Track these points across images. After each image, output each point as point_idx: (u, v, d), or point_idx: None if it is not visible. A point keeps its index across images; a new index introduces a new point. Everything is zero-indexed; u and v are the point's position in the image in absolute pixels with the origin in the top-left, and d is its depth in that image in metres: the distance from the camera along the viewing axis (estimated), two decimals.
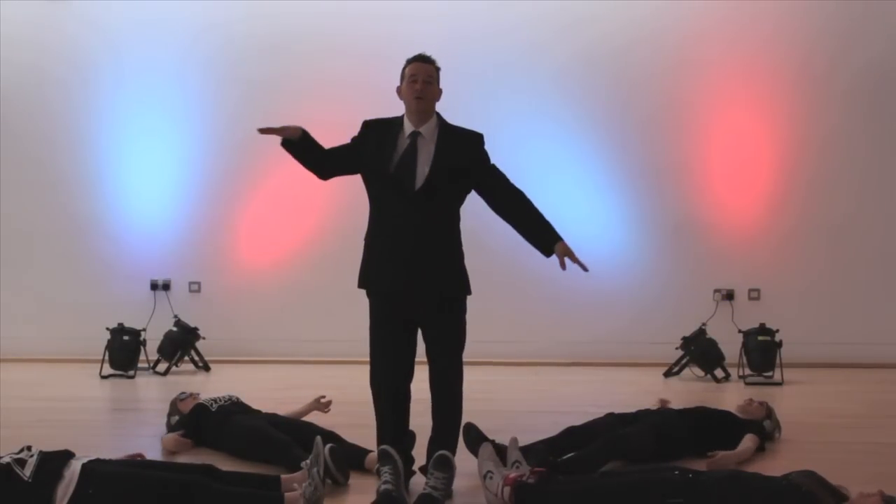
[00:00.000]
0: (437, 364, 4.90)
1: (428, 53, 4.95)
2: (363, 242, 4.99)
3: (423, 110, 4.87)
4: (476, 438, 5.18)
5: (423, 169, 4.81)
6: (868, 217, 9.25)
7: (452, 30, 9.15)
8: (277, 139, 4.97)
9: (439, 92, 4.95)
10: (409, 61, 4.92)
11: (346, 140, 5.02)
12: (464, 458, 5.00)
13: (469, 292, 4.95)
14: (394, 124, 4.94)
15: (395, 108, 4.99)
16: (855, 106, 9.22)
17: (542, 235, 5.09)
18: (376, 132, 4.93)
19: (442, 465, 4.61)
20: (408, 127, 4.89)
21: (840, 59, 9.22)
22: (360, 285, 4.98)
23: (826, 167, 9.25)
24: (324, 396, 6.13)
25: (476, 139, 4.98)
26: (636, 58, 9.32)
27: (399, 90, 4.94)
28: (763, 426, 5.77)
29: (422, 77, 4.85)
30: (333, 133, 5.08)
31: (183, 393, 6.11)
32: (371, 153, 4.88)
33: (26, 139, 9.61)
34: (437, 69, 4.93)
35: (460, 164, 4.87)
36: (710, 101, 9.31)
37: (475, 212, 5.09)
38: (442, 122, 4.95)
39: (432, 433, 4.91)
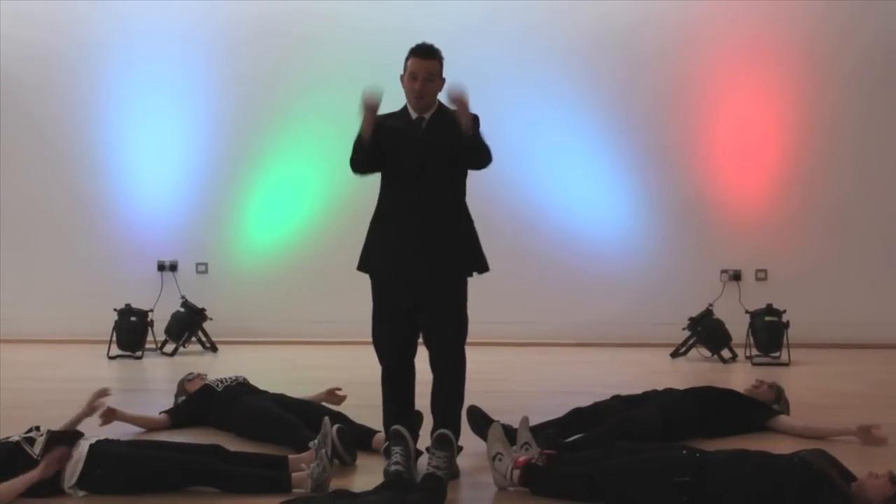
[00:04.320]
0: (438, 351, 4.91)
1: (430, 42, 4.88)
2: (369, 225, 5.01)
3: (424, 106, 4.88)
4: (480, 420, 5.18)
5: (421, 154, 4.84)
6: (875, 197, 9.22)
7: (457, 12, 9.11)
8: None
9: (441, 83, 4.90)
10: (412, 53, 4.86)
11: (353, 122, 4.97)
12: (470, 439, 5.00)
13: (480, 269, 4.96)
14: (398, 111, 4.96)
15: (395, 89, 4.96)
16: (861, 85, 9.17)
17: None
18: (383, 115, 4.90)
19: (442, 444, 4.60)
20: (412, 114, 4.90)
21: (846, 38, 9.16)
22: (360, 268, 4.99)
23: (833, 147, 9.22)
24: (339, 389, 6.00)
25: None
26: (641, 37, 9.25)
27: (402, 79, 4.92)
28: (773, 409, 5.75)
29: (422, 75, 4.81)
30: (340, 112, 5.06)
31: (190, 373, 6.11)
32: (384, 132, 4.85)
33: (34, 118, 9.58)
34: (440, 61, 4.87)
35: (450, 143, 4.83)
36: (716, 80, 9.26)
37: (482, 193, 5.09)
38: (439, 107, 4.93)
39: (434, 421, 4.93)
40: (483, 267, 4.97)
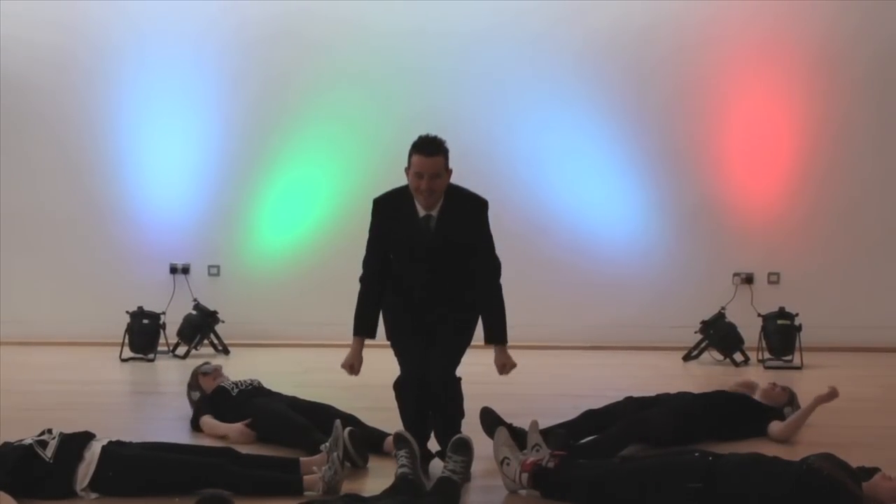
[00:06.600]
0: (435, 369, 4.95)
1: (434, 135, 4.85)
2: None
3: (432, 203, 4.89)
4: (494, 422, 5.17)
5: (433, 252, 4.93)
6: (889, 199, 9.19)
7: (470, 15, 9.07)
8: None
9: (449, 175, 4.90)
10: (415, 150, 4.81)
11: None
12: (481, 441, 5.00)
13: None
14: (405, 201, 4.94)
15: (408, 92, 4.95)
16: (874, 87, 9.15)
17: (493, 329, 5.02)
18: (389, 212, 4.99)
19: (460, 449, 4.60)
20: (419, 209, 4.91)
21: (859, 40, 9.14)
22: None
23: (845, 149, 9.19)
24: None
25: (476, 208, 4.97)
26: (653, 40, 9.25)
27: (407, 173, 4.89)
28: (783, 413, 5.74)
29: (428, 173, 4.78)
30: (352, 114, 5.05)
31: (207, 363, 6.11)
32: (391, 234, 4.97)
33: (46, 120, 9.60)
34: (445, 154, 4.84)
35: (461, 238, 4.93)
36: (728, 83, 9.24)
37: (493, 195, 5.08)
38: (447, 194, 4.92)
39: (436, 431, 5.02)
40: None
